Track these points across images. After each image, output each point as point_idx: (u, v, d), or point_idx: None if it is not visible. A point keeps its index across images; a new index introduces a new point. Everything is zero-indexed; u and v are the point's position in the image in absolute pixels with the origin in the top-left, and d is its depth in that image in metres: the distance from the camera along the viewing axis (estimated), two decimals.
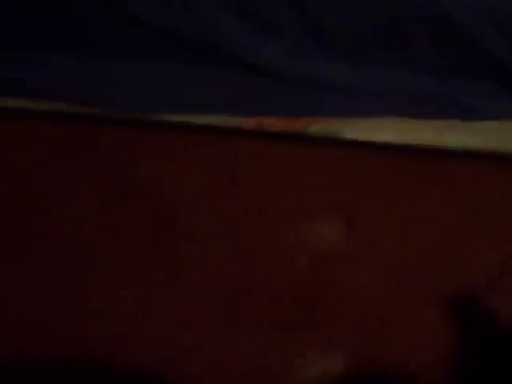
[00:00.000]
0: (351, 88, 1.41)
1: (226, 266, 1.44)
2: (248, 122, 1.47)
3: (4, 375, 1.32)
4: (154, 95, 1.43)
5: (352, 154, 1.54)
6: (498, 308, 1.39)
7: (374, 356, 1.37)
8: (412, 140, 1.48)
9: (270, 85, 1.41)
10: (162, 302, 1.40)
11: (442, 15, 1.26)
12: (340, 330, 1.39)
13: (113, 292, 1.41)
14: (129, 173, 1.54)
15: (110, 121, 1.49)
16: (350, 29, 1.31)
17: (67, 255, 1.44)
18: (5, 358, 1.33)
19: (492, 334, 1.36)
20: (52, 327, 1.37)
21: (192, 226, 1.48)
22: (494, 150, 1.45)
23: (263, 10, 1.28)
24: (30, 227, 1.46)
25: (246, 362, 1.37)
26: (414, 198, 1.53)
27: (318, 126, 1.47)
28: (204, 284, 1.42)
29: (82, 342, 1.36)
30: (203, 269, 1.43)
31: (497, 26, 1.27)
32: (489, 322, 1.38)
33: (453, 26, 1.28)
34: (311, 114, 1.44)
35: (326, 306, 1.41)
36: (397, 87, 1.42)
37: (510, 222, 1.48)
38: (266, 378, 1.36)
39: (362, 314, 1.41)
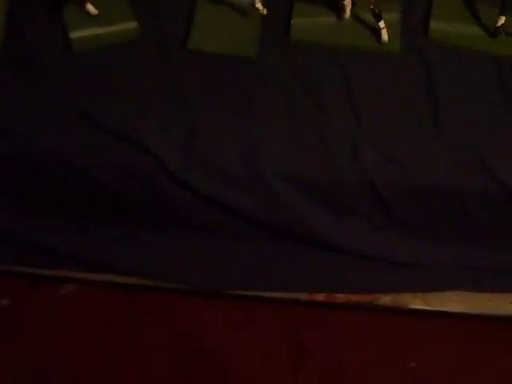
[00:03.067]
0: (423, 265, 1.43)
1: None
2: (317, 295, 1.48)
3: None
4: (227, 274, 1.45)
5: (414, 321, 1.55)
6: None
7: None
8: (481, 309, 1.48)
9: (342, 262, 1.43)
10: None
11: (510, 197, 1.28)
12: None
13: None
14: (195, 341, 1.56)
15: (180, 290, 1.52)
16: (420, 213, 1.34)
17: None
18: None
19: None
20: None
21: None
22: None
23: (342, 197, 1.31)
24: None
25: None
26: (477, 364, 1.54)
27: (387, 299, 1.48)
28: None
29: None
30: None
31: None
32: None
33: None
34: (385, 290, 1.47)
35: None
36: (464, 263, 1.44)
37: None
38: None
39: None
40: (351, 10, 1.34)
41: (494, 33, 1.34)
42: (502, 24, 1.32)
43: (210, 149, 1.25)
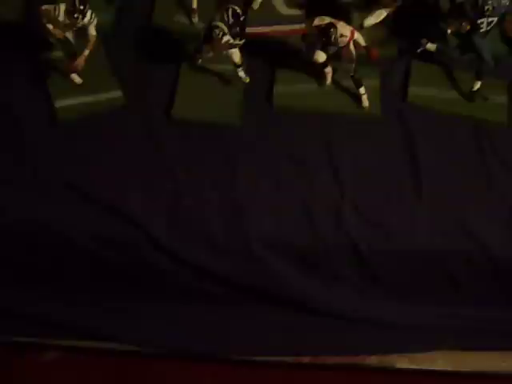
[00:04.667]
0: (409, 326, 1.44)
1: None
2: (303, 357, 1.48)
3: None
4: (211, 339, 1.45)
5: (401, 380, 1.55)
6: None
7: None
8: (468, 367, 1.49)
9: (327, 325, 1.43)
10: None
11: (493, 258, 1.30)
12: None
13: None
14: None
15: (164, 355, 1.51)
16: (403, 275, 1.35)
17: None
18: None
19: None
20: None
21: None
22: None
23: (326, 262, 1.32)
24: None
25: None
26: None
27: (373, 359, 1.48)
28: None
29: None
30: None
31: None
32: None
33: (498, 262, 1.32)
34: (371, 352, 1.46)
35: None
36: (449, 322, 1.44)
37: None
38: None
39: None
40: (332, 77, 1.38)
41: (470, 97, 1.37)
42: (478, 89, 1.36)
43: (194, 217, 1.27)
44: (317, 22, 1.31)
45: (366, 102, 1.35)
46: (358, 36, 1.30)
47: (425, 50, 1.38)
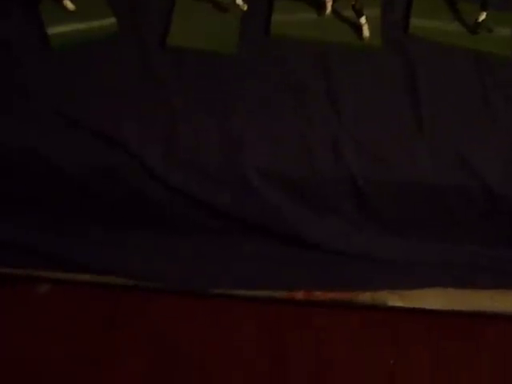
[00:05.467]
0: (404, 262, 1.43)
1: None
2: (296, 294, 1.48)
3: None
4: (205, 272, 1.44)
5: (393, 318, 1.56)
6: None
7: None
8: (459, 306, 1.49)
9: (321, 259, 1.42)
10: None
11: (492, 195, 1.29)
12: None
13: None
14: (173, 341, 1.56)
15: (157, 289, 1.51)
16: (402, 210, 1.34)
17: None
18: None
19: None
20: None
21: None
22: None
23: (323, 195, 1.31)
24: None
25: None
26: (457, 360, 1.55)
27: (366, 296, 1.48)
28: None
29: None
30: None
31: None
32: None
33: (498, 198, 1.30)
34: (364, 288, 1.47)
35: None
36: (450, 259, 1.44)
37: None
38: None
39: None
40: (332, 6, 1.34)
41: (474, 29, 1.34)
42: (483, 20, 1.33)
43: (190, 146, 1.24)
44: None
45: (366, 33, 1.32)
46: None
47: None
